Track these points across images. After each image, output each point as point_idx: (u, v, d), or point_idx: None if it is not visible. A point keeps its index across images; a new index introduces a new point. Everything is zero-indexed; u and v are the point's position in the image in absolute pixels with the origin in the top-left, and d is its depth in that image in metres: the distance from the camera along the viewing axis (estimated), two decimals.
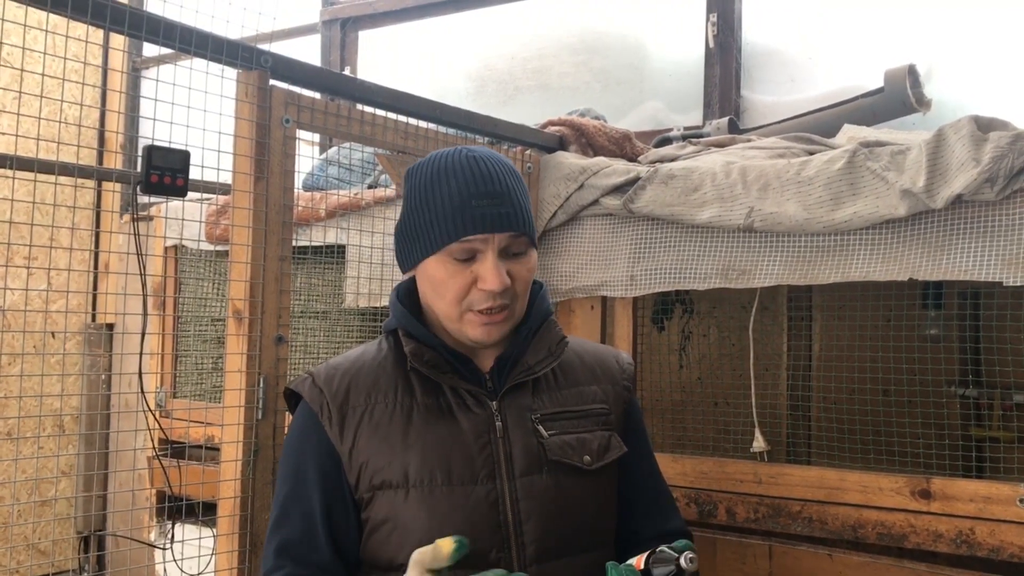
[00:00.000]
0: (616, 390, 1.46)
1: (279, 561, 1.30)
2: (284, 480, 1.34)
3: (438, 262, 1.30)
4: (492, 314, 1.30)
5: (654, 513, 1.48)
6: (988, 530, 1.78)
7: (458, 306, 1.30)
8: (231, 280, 1.75)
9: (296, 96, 1.83)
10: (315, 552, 1.30)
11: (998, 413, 2.13)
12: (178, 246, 3.20)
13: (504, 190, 1.29)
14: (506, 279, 1.28)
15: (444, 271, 1.30)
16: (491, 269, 1.27)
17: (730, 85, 3.15)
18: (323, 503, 1.31)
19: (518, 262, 1.32)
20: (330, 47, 4.20)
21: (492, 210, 1.27)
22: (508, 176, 1.31)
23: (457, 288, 1.29)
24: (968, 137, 1.75)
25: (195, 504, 2.06)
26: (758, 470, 2.06)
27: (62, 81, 1.86)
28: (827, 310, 2.34)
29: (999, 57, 2.73)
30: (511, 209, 1.29)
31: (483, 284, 1.28)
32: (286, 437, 1.39)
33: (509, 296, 1.31)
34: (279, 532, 1.32)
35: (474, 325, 1.31)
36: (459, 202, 1.27)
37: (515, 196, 1.30)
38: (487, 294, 1.28)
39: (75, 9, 1.52)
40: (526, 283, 1.33)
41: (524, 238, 1.31)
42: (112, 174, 2.97)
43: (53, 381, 4.14)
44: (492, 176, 1.30)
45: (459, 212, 1.27)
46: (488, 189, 1.28)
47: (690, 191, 2.10)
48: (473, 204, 1.27)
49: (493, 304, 1.29)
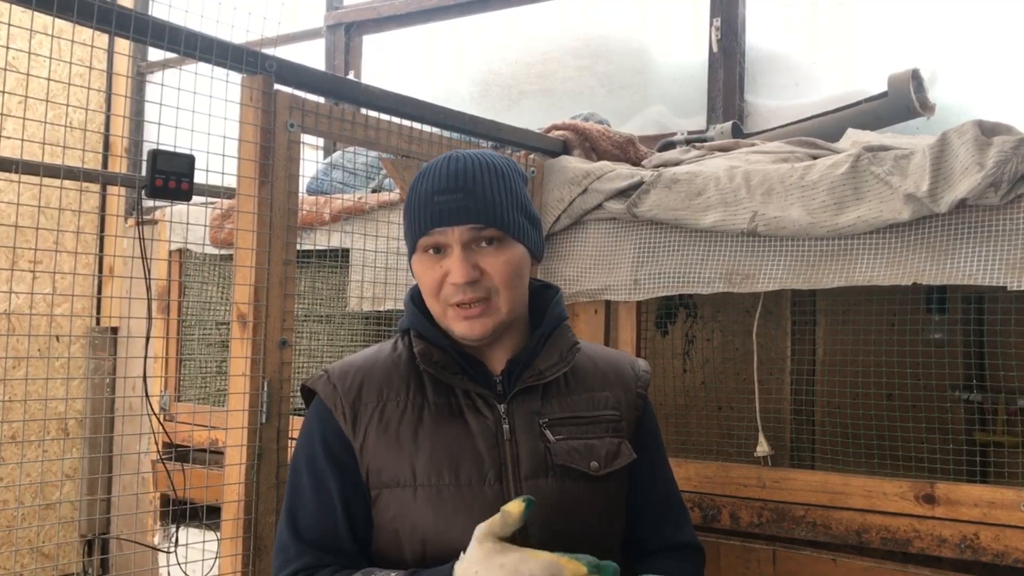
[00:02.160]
0: (629, 397, 1.45)
1: (300, 547, 1.30)
2: (299, 471, 1.35)
3: (416, 259, 1.35)
4: (467, 308, 1.31)
5: (663, 523, 1.46)
6: (992, 535, 1.78)
7: (438, 301, 1.33)
8: (236, 284, 1.75)
9: (301, 100, 1.83)
10: (334, 541, 1.31)
11: (1002, 417, 2.12)
12: (182, 250, 3.20)
13: (469, 184, 1.30)
14: (470, 272, 1.29)
15: (420, 266, 1.34)
16: (454, 261, 1.30)
17: (733, 89, 3.15)
18: (341, 493, 1.31)
19: (490, 254, 1.31)
20: (334, 51, 4.21)
21: (452, 204, 1.29)
22: (481, 171, 1.32)
23: (431, 282, 1.32)
24: (972, 142, 1.75)
25: (199, 508, 2.06)
26: (762, 474, 2.06)
27: (67, 85, 1.86)
28: (831, 314, 2.33)
29: (1003, 62, 2.73)
30: (473, 202, 1.29)
31: (450, 277, 1.30)
32: (301, 430, 1.39)
33: (483, 289, 1.31)
34: (297, 519, 1.32)
35: (456, 320, 1.32)
36: (424, 198, 1.31)
37: (482, 189, 1.31)
38: (455, 287, 1.30)
39: (81, 14, 1.52)
40: (504, 276, 1.31)
41: (491, 230, 1.30)
42: (117, 178, 2.97)
43: (57, 385, 4.15)
44: (460, 172, 1.31)
45: (424, 208, 1.31)
46: (451, 185, 1.30)
47: (694, 195, 2.10)
48: (435, 200, 1.30)
49: (464, 298, 1.30)
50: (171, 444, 2.53)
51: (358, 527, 1.32)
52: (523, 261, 1.35)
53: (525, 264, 1.36)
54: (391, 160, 2.13)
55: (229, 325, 1.93)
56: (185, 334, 3.24)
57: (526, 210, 1.36)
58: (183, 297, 3.23)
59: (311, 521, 1.31)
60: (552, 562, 1.10)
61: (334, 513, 1.31)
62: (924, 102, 2.63)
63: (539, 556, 1.11)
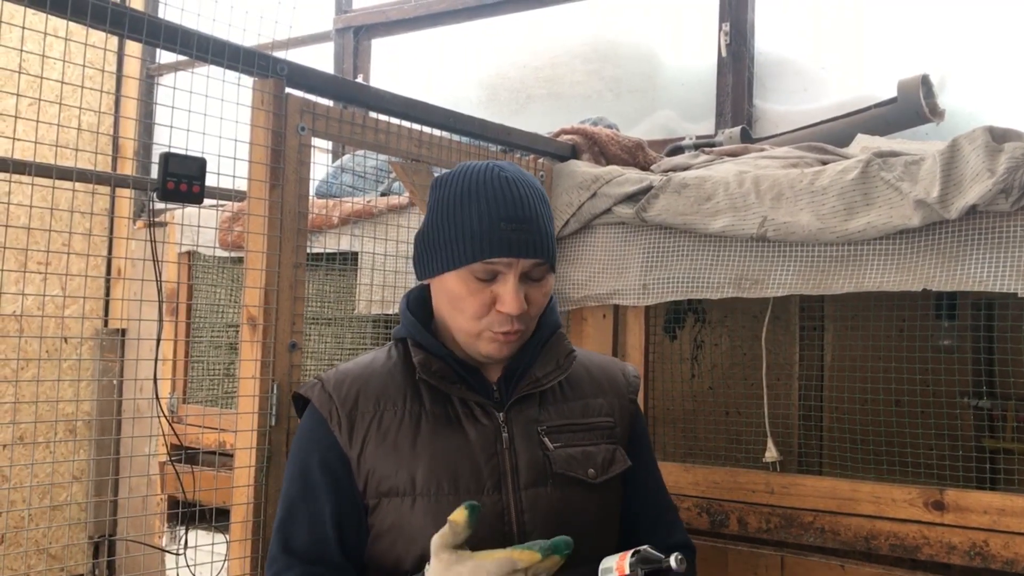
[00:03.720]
0: (622, 403, 1.47)
1: (288, 560, 1.30)
2: (292, 481, 1.35)
3: (459, 278, 1.31)
4: (508, 335, 1.32)
5: (658, 527, 1.48)
6: (1002, 542, 1.77)
7: (477, 323, 1.31)
8: (246, 287, 1.76)
9: (311, 104, 1.83)
10: (324, 552, 1.30)
11: (1012, 424, 2.12)
12: (191, 252, 3.21)
13: (532, 215, 1.30)
14: (524, 304, 1.30)
15: (464, 288, 1.31)
16: (511, 292, 1.29)
17: (742, 94, 3.15)
18: (333, 504, 1.31)
19: (536, 287, 1.33)
20: (343, 55, 4.22)
21: (519, 236, 1.28)
22: (538, 202, 1.33)
23: (476, 307, 1.31)
24: (983, 148, 1.75)
25: (207, 510, 2.06)
26: (770, 480, 2.06)
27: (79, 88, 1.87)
28: (839, 320, 2.33)
29: (1013, 67, 2.72)
30: (538, 236, 1.30)
31: (501, 306, 1.29)
32: (294, 439, 1.40)
33: (526, 321, 1.33)
34: (287, 532, 1.32)
35: (488, 342, 1.33)
36: (487, 223, 1.28)
37: (542, 222, 1.32)
38: (505, 317, 1.30)
39: (95, 17, 1.53)
40: (540, 307, 1.36)
41: (546, 265, 1.33)
42: (129, 181, 2.98)
43: (66, 386, 4.16)
44: (522, 201, 1.30)
45: (487, 234, 1.28)
46: (517, 214, 1.29)
47: (703, 200, 2.10)
48: (501, 227, 1.28)
49: (511, 328, 1.31)
50: (180, 446, 2.53)
51: (349, 539, 1.32)
52: (552, 291, 1.39)
53: None
54: (400, 164, 2.14)
55: (238, 328, 1.94)
56: (194, 336, 3.25)
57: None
58: (192, 300, 3.24)
59: (301, 533, 1.31)
60: (505, 559, 1.13)
61: (324, 525, 1.31)
62: (934, 108, 2.63)
63: (493, 556, 1.14)
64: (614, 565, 1.17)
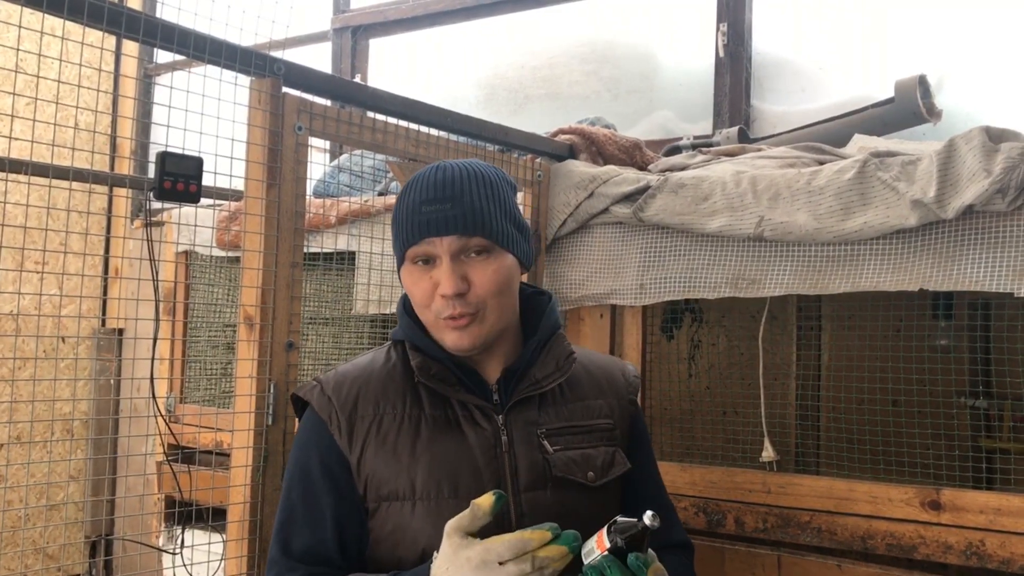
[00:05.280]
0: (622, 404, 1.46)
1: (289, 563, 1.30)
2: (292, 483, 1.35)
3: (405, 271, 1.33)
4: (457, 320, 1.29)
5: (659, 527, 1.48)
6: (999, 542, 1.77)
7: (429, 312, 1.31)
8: (243, 286, 1.76)
9: (308, 103, 1.83)
10: (325, 554, 1.30)
11: (1008, 424, 2.12)
12: (188, 252, 3.21)
13: (456, 193, 1.29)
14: (459, 283, 1.28)
15: (410, 278, 1.32)
16: (443, 272, 1.28)
17: (740, 94, 3.15)
18: (333, 507, 1.31)
19: (479, 266, 1.30)
20: (341, 55, 4.21)
21: (439, 215, 1.27)
22: (468, 180, 1.30)
23: (421, 294, 1.31)
24: (979, 148, 1.75)
25: (204, 509, 2.06)
26: (767, 480, 2.06)
27: (76, 87, 1.87)
28: (837, 320, 2.33)
29: (1010, 68, 2.72)
30: (460, 211, 1.28)
31: (439, 289, 1.29)
32: (294, 442, 1.39)
33: (472, 304, 1.30)
34: (287, 534, 1.32)
35: (446, 331, 1.31)
36: (410, 210, 1.30)
37: (470, 198, 1.29)
38: (446, 301, 1.28)
39: (91, 16, 1.53)
40: (492, 286, 1.30)
41: (479, 239, 1.29)
42: (126, 180, 2.98)
43: (63, 386, 4.16)
44: (447, 182, 1.30)
45: (408, 219, 1.30)
46: (438, 195, 1.28)
47: (700, 200, 2.10)
48: (422, 210, 1.28)
49: (453, 312, 1.29)
50: (177, 446, 2.53)
51: (349, 541, 1.31)
52: (512, 270, 1.34)
53: (514, 273, 1.35)
54: (398, 163, 2.14)
55: (235, 327, 1.93)
56: (191, 336, 3.25)
57: (514, 219, 1.35)
58: (189, 299, 3.24)
59: (302, 535, 1.31)
60: (517, 539, 1.12)
61: (325, 528, 1.30)
62: (931, 108, 2.63)
63: (503, 538, 1.12)
64: (594, 544, 1.17)
